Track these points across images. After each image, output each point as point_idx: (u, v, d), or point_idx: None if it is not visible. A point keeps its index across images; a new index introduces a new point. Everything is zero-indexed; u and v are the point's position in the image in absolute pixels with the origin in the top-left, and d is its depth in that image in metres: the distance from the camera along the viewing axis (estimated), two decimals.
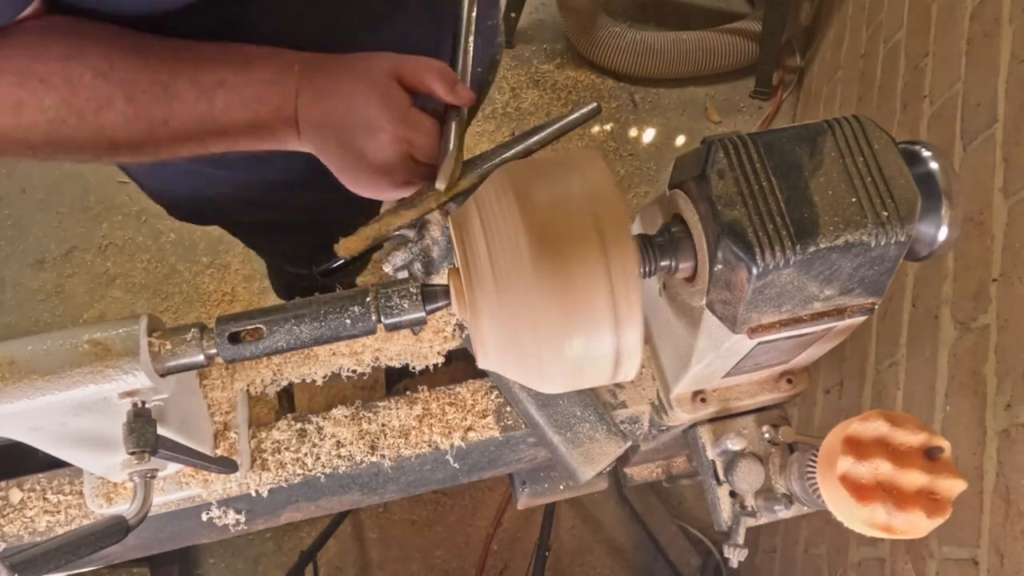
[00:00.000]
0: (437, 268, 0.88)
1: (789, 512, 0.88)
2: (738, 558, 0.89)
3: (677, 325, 0.80)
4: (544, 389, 0.67)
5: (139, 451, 0.65)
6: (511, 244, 0.59)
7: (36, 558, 0.59)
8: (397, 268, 0.86)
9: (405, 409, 0.94)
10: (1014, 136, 1.04)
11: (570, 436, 0.88)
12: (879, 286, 0.64)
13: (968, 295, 1.07)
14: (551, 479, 1.15)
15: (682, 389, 0.89)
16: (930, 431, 0.72)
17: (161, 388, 0.66)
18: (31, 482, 0.90)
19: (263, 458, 0.91)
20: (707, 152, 0.62)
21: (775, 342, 0.71)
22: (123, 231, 2.22)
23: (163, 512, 0.90)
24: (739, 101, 2.45)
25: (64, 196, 2.26)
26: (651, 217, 0.77)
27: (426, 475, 0.96)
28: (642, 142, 2.42)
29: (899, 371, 1.25)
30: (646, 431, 0.99)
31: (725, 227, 0.59)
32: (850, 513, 0.71)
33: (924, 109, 1.35)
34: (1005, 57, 1.11)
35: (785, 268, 0.59)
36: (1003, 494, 0.92)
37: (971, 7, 1.25)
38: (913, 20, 1.52)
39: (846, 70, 1.94)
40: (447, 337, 0.95)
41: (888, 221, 0.58)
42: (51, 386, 0.62)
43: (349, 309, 0.65)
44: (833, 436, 0.74)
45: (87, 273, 2.19)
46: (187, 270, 2.18)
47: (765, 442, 0.92)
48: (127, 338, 0.64)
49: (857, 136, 0.61)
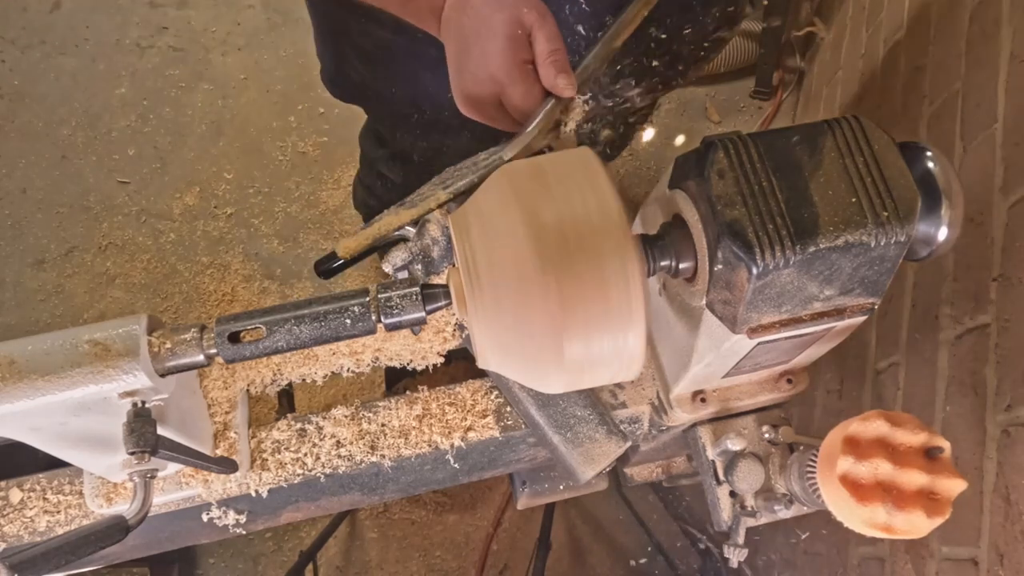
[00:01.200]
0: (437, 268, 0.87)
1: (789, 512, 0.88)
2: (738, 558, 0.89)
3: (677, 325, 0.80)
4: (544, 389, 0.67)
5: (139, 451, 0.65)
6: (511, 244, 0.59)
7: (36, 558, 0.59)
8: (397, 268, 0.86)
9: (405, 409, 0.94)
10: (1014, 136, 1.04)
11: (570, 436, 0.88)
12: (879, 286, 0.64)
13: (968, 295, 1.07)
14: (551, 479, 1.16)
15: (682, 389, 0.89)
16: (930, 431, 0.72)
17: (161, 388, 0.66)
18: (31, 482, 0.90)
19: (263, 458, 0.91)
20: (707, 152, 0.62)
21: (775, 342, 0.71)
22: (123, 231, 2.22)
23: (163, 512, 0.90)
24: (739, 101, 2.45)
25: (64, 196, 2.26)
26: (651, 217, 0.77)
27: (426, 475, 0.96)
28: (642, 142, 2.42)
29: (899, 371, 1.25)
30: (646, 431, 0.99)
31: (725, 227, 0.59)
32: (850, 513, 0.71)
33: (924, 109, 1.35)
34: (1005, 57, 1.11)
35: (785, 268, 0.59)
36: (1003, 494, 0.92)
37: (971, 7, 1.25)
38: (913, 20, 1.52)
39: (846, 70, 1.94)
40: (447, 337, 0.95)
41: (888, 221, 0.58)
42: (51, 386, 0.62)
43: (349, 309, 0.65)
44: (833, 436, 0.74)
45: (87, 273, 2.19)
46: (187, 270, 2.18)
47: (765, 442, 0.92)
48: (127, 338, 0.64)
49: (857, 136, 0.61)
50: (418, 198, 0.76)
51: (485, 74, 0.73)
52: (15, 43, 2.47)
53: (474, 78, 0.75)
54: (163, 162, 2.29)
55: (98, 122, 2.35)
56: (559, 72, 0.71)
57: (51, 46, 2.46)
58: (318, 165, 2.30)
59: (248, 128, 2.35)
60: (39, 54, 2.45)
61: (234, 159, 2.31)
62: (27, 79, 2.42)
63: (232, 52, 2.46)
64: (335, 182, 2.28)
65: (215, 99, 2.39)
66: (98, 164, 2.29)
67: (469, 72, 0.75)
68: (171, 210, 2.24)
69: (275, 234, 2.23)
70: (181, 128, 2.35)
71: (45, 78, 2.42)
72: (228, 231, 2.23)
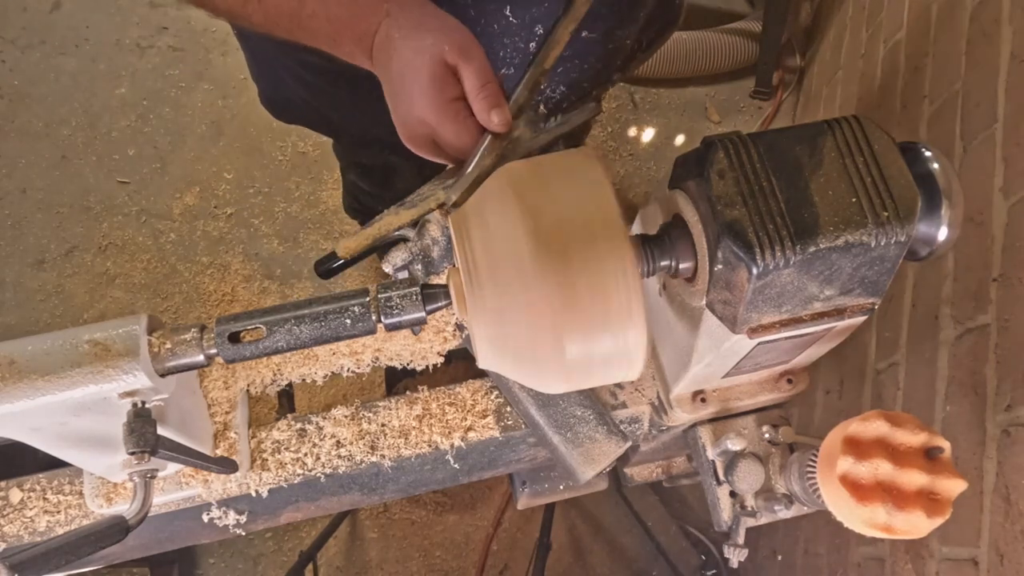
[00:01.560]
0: (437, 268, 0.88)
1: (789, 512, 0.88)
2: (738, 558, 0.89)
3: (677, 325, 0.80)
4: (544, 389, 0.67)
5: (139, 451, 0.65)
6: (511, 245, 0.59)
7: (36, 558, 0.59)
8: (397, 268, 0.86)
9: (405, 409, 0.94)
10: (1014, 136, 1.04)
11: (570, 436, 0.88)
12: (879, 286, 0.64)
13: (968, 295, 1.07)
14: (551, 479, 1.15)
15: (682, 389, 0.89)
16: (930, 431, 0.72)
17: (161, 388, 0.66)
18: (31, 482, 0.90)
19: (263, 458, 0.91)
20: (707, 152, 0.62)
21: (775, 342, 0.71)
22: (123, 231, 2.22)
23: (163, 512, 0.90)
24: (739, 101, 2.45)
25: (64, 196, 2.26)
26: (651, 217, 0.77)
27: (426, 475, 0.96)
28: (642, 142, 2.42)
29: (899, 371, 1.25)
30: (646, 431, 0.99)
31: (725, 227, 0.59)
32: (850, 513, 0.71)
33: (924, 109, 1.35)
34: (1005, 57, 1.11)
35: (785, 268, 0.59)
36: (1003, 494, 0.92)
37: (971, 7, 1.25)
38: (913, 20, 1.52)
39: (846, 70, 1.94)
40: (447, 337, 0.95)
41: (888, 221, 0.58)
42: (51, 386, 0.62)
43: (349, 309, 0.65)
44: (833, 436, 0.74)
45: (87, 273, 2.19)
46: (187, 270, 2.18)
47: (765, 442, 0.92)
48: (127, 338, 0.64)
49: (857, 136, 0.61)
50: (418, 198, 0.76)
51: (414, 117, 0.72)
52: (15, 43, 2.47)
53: (406, 119, 0.73)
54: (163, 162, 2.29)
55: (98, 122, 2.35)
56: (491, 107, 0.69)
57: (51, 46, 2.46)
58: (318, 165, 2.30)
59: (248, 128, 2.35)
60: (39, 54, 2.45)
61: (234, 159, 2.31)
62: (27, 79, 2.42)
63: (232, 52, 2.46)
64: (335, 182, 2.28)
65: (215, 99, 2.39)
66: (98, 164, 2.29)
67: (401, 113, 0.73)
68: (171, 210, 2.24)
69: (275, 234, 2.23)
70: (181, 128, 2.35)
71: (45, 78, 2.42)
72: (228, 231, 2.23)
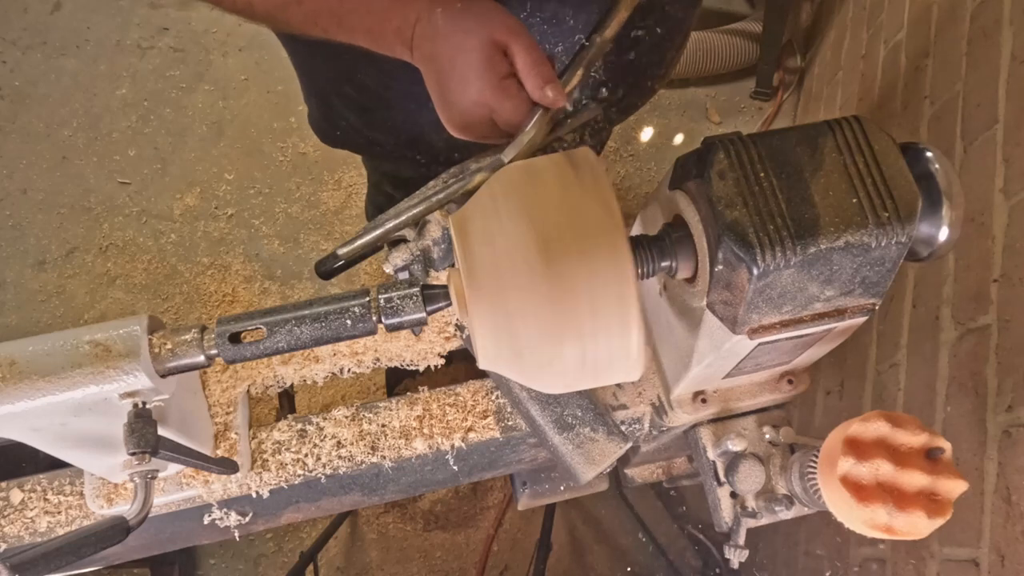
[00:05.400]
0: (437, 268, 0.88)
1: (790, 513, 0.88)
2: (739, 559, 0.89)
3: (678, 326, 0.80)
4: (545, 389, 0.67)
5: (140, 452, 0.65)
6: (511, 246, 0.59)
7: (37, 559, 0.59)
8: (398, 268, 0.86)
9: (405, 410, 0.94)
10: (1014, 136, 1.04)
11: (571, 437, 0.88)
12: (880, 287, 0.64)
13: (968, 296, 1.07)
14: (551, 480, 1.15)
15: (683, 390, 0.89)
16: (931, 432, 0.72)
17: (162, 389, 0.66)
18: (32, 483, 0.90)
19: (264, 459, 0.91)
20: (708, 153, 0.62)
21: (776, 343, 0.71)
22: (124, 232, 2.22)
23: (164, 513, 0.90)
24: (740, 102, 2.45)
25: (65, 197, 2.26)
26: (651, 218, 0.77)
27: (426, 476, 0.96)
28: (642, 142, 2.42)
29: (899, 372, 1.25)
30: (647, 432, 0.99)
31: (726, 227, 0.59)
32: (851, 514, 0.71)
33: (924, 110, 1.35)
34: (1005, 57, 1.11)
35: (786, 268, 0.59)
36: (1004, 495, 0.92)
37: (971, 8, 1.25)
38: (913, 21, 1.52)
39: (847, 71, 1.94)
40: (448, 338, 0.95)
41: (889, 222, 0.58)
42: (52, 387, 0.62)
43: (350, 310, 0.65)
44: (834, 437, 0.74)
45: (88, 274, 2.19)
46: (188, 271, 2.18)
47: (766, 443, 0.92)
48: (128, 339, 0.64)
49: (858, 136, 0.61)
50: (418, 198, 0.76)
51: (469, 100, 0.72)
52: (16, 44, 2.47)
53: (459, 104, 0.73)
54: (164, 163, 2.29)
55: (99, 123, 2.35)
56: (546, 83, 0.70)
57: (52, 47, 2.47)
58: (319, 166, 2.30)
59: (249, 129, 2.35)
60: (40, 55, 2.46)
61: (235, 160, 2.31)
62: (28, 80, 2.42)
63: (233, 53, 2.46)
64: (336, 183, 2.28)
65: (216, 100, 2.40)
66: (99, 165, 2.29)
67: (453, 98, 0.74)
68: (172, 211, 2.24)
69: (276, 235, 2.23)
70: (182, 129, 2.35)
71: (46, 79, 2.42)
72: (229, 232, 2.23)
